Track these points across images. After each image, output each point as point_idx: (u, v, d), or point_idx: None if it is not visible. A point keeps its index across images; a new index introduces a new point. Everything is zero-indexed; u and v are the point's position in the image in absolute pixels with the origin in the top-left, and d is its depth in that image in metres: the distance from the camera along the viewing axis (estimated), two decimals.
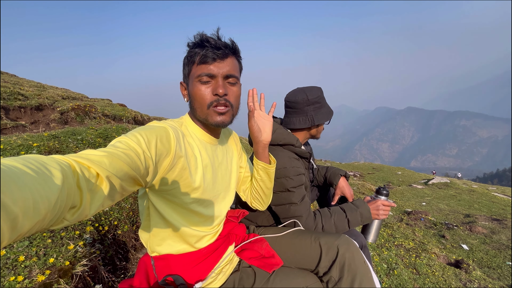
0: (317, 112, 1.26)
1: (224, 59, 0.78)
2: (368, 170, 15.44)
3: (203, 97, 0.78)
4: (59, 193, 0.38)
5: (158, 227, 0.81)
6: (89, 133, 2.81)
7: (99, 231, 1.50)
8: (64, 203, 0.40)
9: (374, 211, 1.24)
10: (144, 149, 0.61)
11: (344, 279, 0.92)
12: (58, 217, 0.40)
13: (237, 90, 0.83)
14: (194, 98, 0.80)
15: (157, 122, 0.77)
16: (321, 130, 1.35)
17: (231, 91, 0.81)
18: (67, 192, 0.40)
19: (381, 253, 3.21)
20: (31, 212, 0.33)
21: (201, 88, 0.78)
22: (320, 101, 1.27)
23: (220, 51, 0.77)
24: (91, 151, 0.52)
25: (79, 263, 1.10)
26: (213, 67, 0.77)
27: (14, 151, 1.65)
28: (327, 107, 1.30)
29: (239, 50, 0.84)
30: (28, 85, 5.22)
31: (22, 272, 0.99)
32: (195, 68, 0.78)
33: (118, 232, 1.66)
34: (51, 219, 0.38)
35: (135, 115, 5.67)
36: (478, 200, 8.38)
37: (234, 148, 1.05)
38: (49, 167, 0.39)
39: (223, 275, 0.96)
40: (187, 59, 0.81)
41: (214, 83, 0.78)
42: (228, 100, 0.80)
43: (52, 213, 0.37)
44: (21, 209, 0.31)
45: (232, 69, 0.80)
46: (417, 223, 5.53)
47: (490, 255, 4.27)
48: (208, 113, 0.79)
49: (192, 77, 0.79)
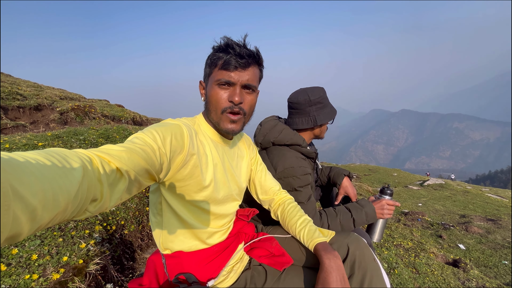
0: (320, 112, 1.27)
1: (246, 68, 0.79)
2: (364, 171, 15.57)
3: (219, 101, 0.79)
4: (79, 186, 0.39)
5: (170, 222, 0.82)
6: (90, 133, 2.80)
7: (107, 230, 1.50)
8: (85, 195, 0.41)
9: (379, 210, 1.26)
10: (159, 145, 0.63)
11: (354, 276, 0.93)
12: (80, 209, 0.41)
13: (252, 99, 0.84)
14: (210, 101, 0.81)
15: (172, 120, 0.79)
16: (324, 130, 1.36)
17: (246, 100, 0.82)
18: (88, 185, 0.41)
19: (381, 253, 3.25)
20: (51, 204, 0.33)
21: (218, 92, 0.79)
22: (322, 101, 1.28)
23: (244, 60, 0.77)
24: (111, 146, 0.54)
25: (92, 262, 1.10)
26: (234, 75, 0.78)
27: (20, 150, 1.64)
28: (330, 107, 1.31)
29: (262, 60, 0.85)
30: (25, 85, 5.16)
31: (36, 271, 0.98)
32: (216, 71, 0.79)
33: (125, 232, 1.66)
34: (73, 211, 0.39)
35: (134, 115, 5.65)
36: (472, 201, 8.52)
37: (245, 150, 1.06)
38: (70, 160, 0.40)
39: (235, 273, 0.97)
40: (210, 60, 0.81)
41: (232, 90, 0.79)
42: (242, 108, 0.81)
43: (73, 205, 0.38)
44: (40, 201, 0.32)
45: (251, 78, 0.81)
46: (414, 224, 5.60)
47: (486, 254, 4.34)
48: (221, 118, 0.81)
49: (212, 80, 0.80)
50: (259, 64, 0.85)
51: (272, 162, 1.25)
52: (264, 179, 1.10)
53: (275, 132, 1.27)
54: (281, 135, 1.25)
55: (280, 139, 1.25)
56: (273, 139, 1.27)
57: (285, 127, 1.28)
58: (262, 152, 1.35)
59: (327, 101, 1.31)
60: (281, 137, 1.25)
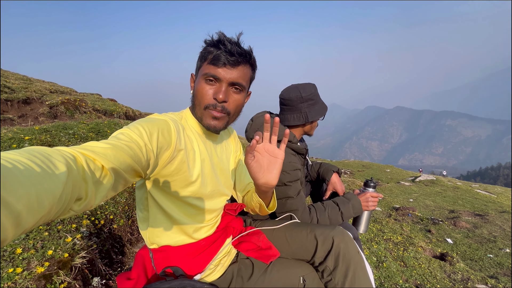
0: (311, 109, 1.28)
1: (235, 66, 0.77)
2: (358, 167, 15.74)
3: (204, 96, 0.78)
4: (64, 187, 0.38)
5: (156, 218, 0.82)
6: (80, 127, 2.76)
7: (95, 224, 1.49)
8: (69, 195, 0.40)
9: (364, 202, 1.29)
10: (146, 141, 0.62)
11: (339, 268, 0.95)
12: (64, 209, 0.40)
13: (239, 99, 0.82)
14: (196, 95, 0.80)
15: (158, 115, 0.77)
16: (315, 126, 1.37)
17: (232, 99, 0.80)
18: (72, 184, 0.40)
19: (370, 247, 3.32)
20: (36, 207, 0.32)
21: (204, 86, 0.78)
22: (313, 97, 1.28)
23: (233, 58, 0.76)
24: (95, 143, 0.53)
25: (77, 255, 1.10)
26: (221, 71, 0.76)
27: (5, 144, 1.61)
28: (321, 104, 1.32)
29: (254, 61, 0.83)
30: (13, 78, 5.03)
31: (20, 264, 0.98)
32: (204, 65, 0.78)
33: (114, 226, 1.65)
34: (57, 211, 0.38)
35: (126, 110, 5.58)
36: (462, 197, 8.72)
37: (232, 144, 1.06)
38: (54, 160, 0.39)
39: (222, 267, 0.98)
40: (201, 54, 0.80)
41: (217, 87, 0.78)
42: (226, 107, 0.79)
43: (57, 206, 0.37)
44: (25, 205, 0.31)
45: (240, 77, 0.78)
46: (404, 219, 5.71)
47: (472, 248, 4.47)
48: (204, 114, 0.80)
49: (200, 73, 0.79)
50: (250, 64, 0.83)
51: None
52: (244, 175, 1.09)
53: None
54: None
55: None
56: None
57: None
58: None
59: (318, 97, 1.31)
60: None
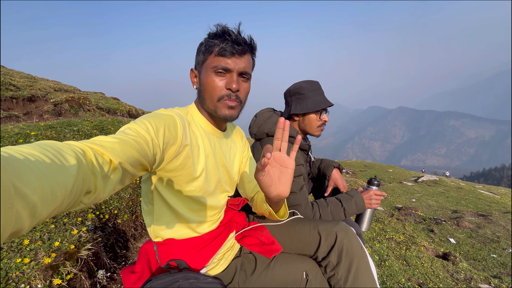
0: (297, 103, 1.28)
1: (242, 55, 0.79)
2: (360, 167, 15.69)
3: (216, 88, 0.78)
4: (75, 180, 0.40)
5: (161, 211, 0.83)
6: (84, 124, 2.78)
7: (100, 219, 1.51)
8: (80, 188, 0.41)
9: (367, 200, 1.29)
10: (152, 136, 0.63)
11: (342, 263, 0.94)
12: (75, 201, 0.42)
13: (247, 87, 0.84)
14: (206, 88, 0.80)
15: (164, 110, 0.78)
16: (313, 125, 1.31)
17: (242, 87, 0.82)
18: (82, 178, 0.42)
19: (373, 246, 3.31)
20: (49, 199, 0.34)
21: (215, 79, 0.78)
22: (302, 92, 1.27)
23: (240, 47, 0.77)
24: (103, 138, 0.54)
25: (83, 247, 1.11)
26: (231, 62, 0.77)
27: (12, 139, 1.63)
28: (313, 100, 1.28)
29: (256, 48, 0.85)
30: (18, 76, 5.08)
31: (28, 255, 1.00)
32: (211, 58, 0.78)
33: (118, 221, 1.67)
34: (69, 204, 0.40)
35: (130, 109, 5.61)
36: (465, 197, 8.67)
37: (239, 144, 1.06)
38: (65, 154, 0.41)
39: (225, 261, 0.98)
40: (205, 47, 0.80)
41: (228, 77, 0.79)
42: (239, 96, 0.81)
43: (69, 199, 0.39)
44: (39, 197, 0.32)
45: (247, 66, 0.80)
46: (407, 218, 5.69)
47: (475, 248, 4.44)
48: (218, 106, 0.80)
49: (207, 67, 0.79)
50: (252, 52, 0.85)
51: None
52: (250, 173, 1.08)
53: (269, 123, 1.29)
54: (275, 126, 1.27)
55: (274, 130, 1.27)
56: (267, 130, 1.28)
57: (278, 118, 1.30)
58: (256, 143, 1.37)
59: (311, 93, 1.28)
60: (275, 128, 1.27)
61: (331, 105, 1.32)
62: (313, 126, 1.32)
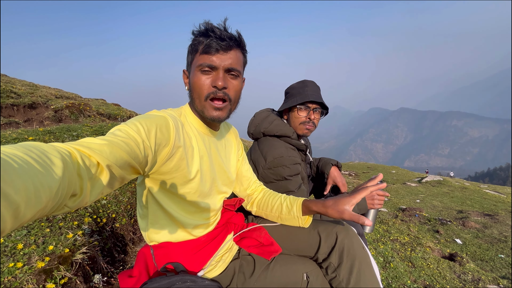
0: (286, 102, 1.31)
1: (228, 51, 0.76)
2: (363, 169, 15.59)
3: (202, 87, 0.77)
4: (60, 182, 0.38)
5: (156, 215, 0.81)
6: (84, 130, 2.79)
7: (97, 223, 1.49)
8: (65, 191, 0.40)
9: (369, 200, 1.25)
10: (143, 138, 0.61)
11: (343, 264, 0.92)
12: (59, 204, 0.40)
13: (237, 84, 0.81)
14: (193, 88, 0.79)
15: (157, 111, 0.76)
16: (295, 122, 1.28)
17: (231, 85, 0.79)
18: (68, 180, 0.40)
19: (377, 247, 3.26)
20: (33, 200, 0.33)
21: (201, 77, 0.77)
22: (289, 91, 1.30)
23: (224, 42, 0.75)
24: (91, 139, 0.52)
25: (78, 251, 1.09)
26: (215, 58, 0.75)
27: (9, 144, 1.62)
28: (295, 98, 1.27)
29: (244, 43, 0.82)
30: (20, 84, 5.13)
31: (21, 259, 0.98)
32: (197, 57, 0.77)
33: (116, 225, 1.65)
34: (53, 207, 0.38)
35: (130, 114, 5.63)
36: (470, 197, 8.55)
37: (234, 142, 1.05)
38: (49, 155, 0.39)
39: (223, 263, 0.96)
40: (191, 47, 0.79)
41: (214, 75, 0.77)
42: (227, 93, 0.79)
43: (53, 201, 0.37)
44: (23, 198, 0.31)
45: (234, 62, 0.78)
46: (411, 219, 5.61)
47: (482, 249, 4.35)
48: (205, 106, 0.78)
49: (194, 66, 0.78)
50: (241, 48, 0.82)
51: (262, 152, 1.25)
52: (245, 170, 1.09)
53: (266, 122, 1.28)
54: (272, 126, 1.26)
55: (271, 129, 1.26)
56: (263, 130, 1.27)
57: (276, 118, 1.29)
58: (254, 143, 1.36)
59: (295, 90, 1.28)
60: (272, 128, 1.25)
61: (309, 100, 1.25)
62: (295, 123, 1.29)
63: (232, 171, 1.00)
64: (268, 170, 1.22)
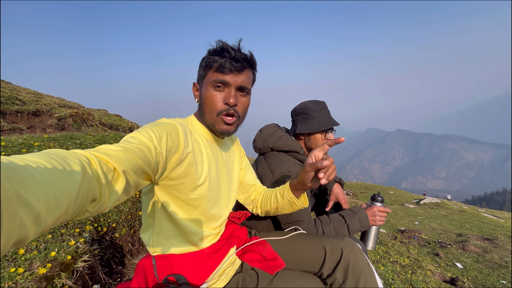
0: (302, 123, 1.31)
1: (241, 72, 0.80)
2: (360, 189, 15.50)
3: (215, 103, 0.80)
4: (80, 187, 0.40)
5: (162, 224, 0.81)
6: (87, 138, 2.80)
7: (98, 231, 1.47)
8: (85, 196, 0.41)
9: (371, 217, 1.25)
10: (155, 144, 0.64)
11: (348, 280, 0.91)
12: (80, 209, 0.42)
13: (246, 101, 0.86)
14: (205, 103, 0.82)
15: (166, 119, 0.79)
16: (319, 144, 1.32)
17: (240, 102, 0.83)
18: (87, 186, 0.42)
19: (377, 269, 3.18)
20: (54, 207, 0.34)
21: (214, 94, 0.80)
22: (307, 112, 1.30)
23: (239, 64, 0.79)
24: (107, 146, 0.55)
25: (80, 259, 1.07)
26: (229, 78, 0.79)
27: (15, 149, 1.63)
28: (319, 121, 1.30)
29: (256, 64, 0.87)
30: (25, 92, 5.19)
31: (22, 265, 0.95)
32: (210, 74, 0.81)
33: (115, 235, 1.62)
34: (74, 212, 0.40)
35: (132, 125, 5.67)
36: (469, 220, 8.47)
37: (236, 151, 1.07)
38: (69, 162, 0.41)
39: (226, 277, 0.95)
40: (205, 63, 0.83)
41: (227, 92, 0.81)
42: (237, 110, 0.83)
43: (74, 206, 0.39)
44: (44, 205, 0.32)
45: (246, 81, 0.82)
46: (411, 241, 5.52)
47: (484, 274, 4.26)
48: (216, 120, 0.82)
49: (207, 82, 0.82)
50: (252, 68, 0.87)
51: (270, 167, 1.26)
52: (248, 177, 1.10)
53: (274, 138, 1.30)
54: (280, 141, 1.28)
55: (279, 145, 1.27)
56: (272, 145, 1.29)
57: (284, 134, 1.32)
58: (260, 157, 1.37)
59: (316, 113, 1.31)
60: (280, 143, 1.27)
61: (337, 124, 1.33)
62: (318, 145, 1.31)
63: (235, 180, 1.02)
64: (275, 184, 1.23)
